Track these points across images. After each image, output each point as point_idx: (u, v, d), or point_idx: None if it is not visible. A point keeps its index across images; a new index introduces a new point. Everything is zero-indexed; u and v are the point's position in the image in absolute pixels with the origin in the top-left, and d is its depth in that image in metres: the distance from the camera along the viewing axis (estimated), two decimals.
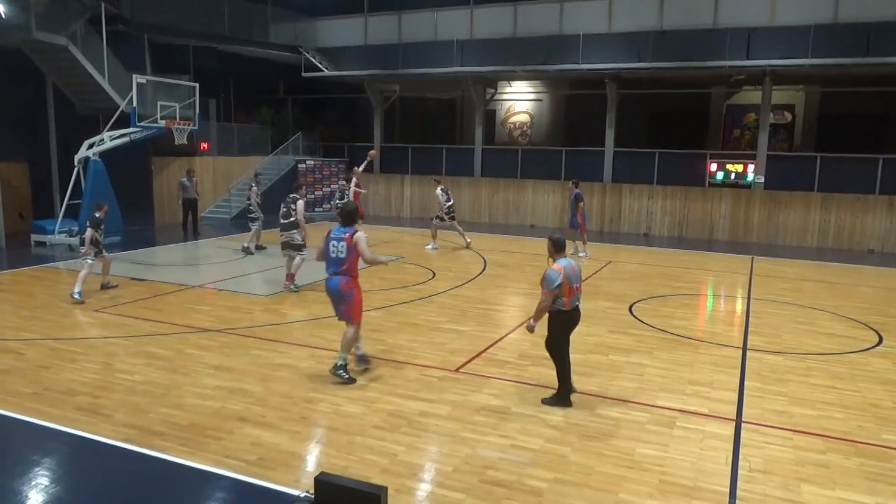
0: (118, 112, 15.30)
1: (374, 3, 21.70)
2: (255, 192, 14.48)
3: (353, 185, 15.27)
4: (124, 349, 7.74)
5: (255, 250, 14.27)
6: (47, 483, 4.84)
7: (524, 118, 24.48)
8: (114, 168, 15.49)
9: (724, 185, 18.56)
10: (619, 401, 6.37)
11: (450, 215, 15.65)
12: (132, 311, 9.39)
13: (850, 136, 19.34)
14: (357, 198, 14.96)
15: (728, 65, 17.19)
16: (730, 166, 18.61)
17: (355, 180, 15.36)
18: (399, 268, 12.85)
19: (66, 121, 17.24)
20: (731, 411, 6.21)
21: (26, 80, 16.42)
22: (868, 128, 20.01)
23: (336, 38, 22.24)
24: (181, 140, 15.95)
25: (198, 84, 16.51)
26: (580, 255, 14.74)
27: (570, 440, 5.49)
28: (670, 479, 4.89)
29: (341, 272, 6.68)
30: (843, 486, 4.86)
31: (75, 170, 15.11)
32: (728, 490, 4.77)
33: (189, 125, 16.03)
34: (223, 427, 5.62)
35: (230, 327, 8.66)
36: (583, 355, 7.71)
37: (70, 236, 14.72)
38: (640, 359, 7.69)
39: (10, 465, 5.03)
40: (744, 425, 5.88)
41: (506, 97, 24.36)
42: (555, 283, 5.98)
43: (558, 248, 6.21)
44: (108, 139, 15.16)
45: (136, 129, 15.09)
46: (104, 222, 10.54)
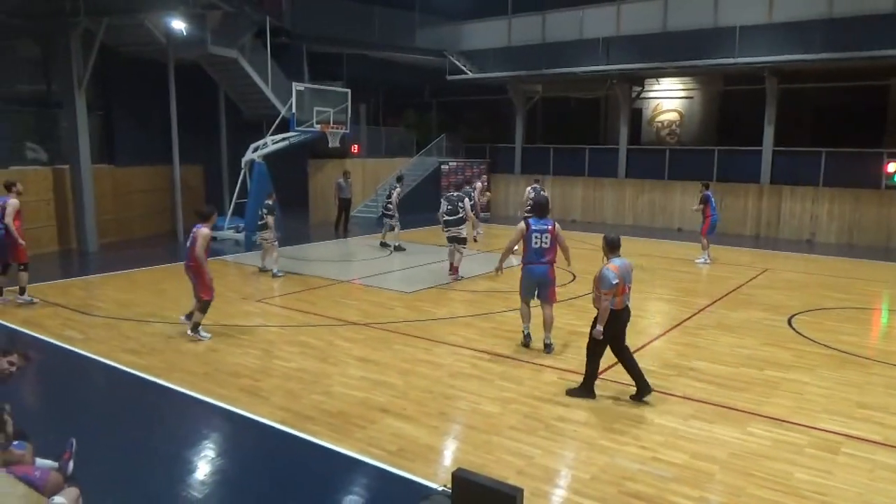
0: (279, 118, 16.52)
1: (518, 4, 21.72)
2: (398, 193, 15.01)
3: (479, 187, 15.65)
4: (281, 337, 8.36)
5: (394, 249, 14.79)
6: (213, 455, 5.35)
7: (673, 116, 23.38)
8: (275, 169, 16.75)
9: None
10: (774, 420, 5.92)
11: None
12: (288, 302, 10.11)
13: None
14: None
15: None
16: None
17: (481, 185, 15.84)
18: None
19: (234, 126, 18.91)
20: None
21: (202, 90, 18.18)
22: None
23: (480, 41, 22.51)
24: (334, 143, 16.92)
25: (350, 90, 17.42)
26: (698, 261, 13.85)
27: (718, 457, 5.18)
28: None
29: (548, 261, 7.73)
30: None
31: (242, 171, 16.52)
32: None
33: (342, 129, 16.96)
34: (367, 416, 5.90)
35: (375, 321, 9.07)
36: (734, 368, 7.25)
37: (237, 232, 16.12)
38: (800, 376, 7.09)
39: (183, 437, 5.62)
40: None
41: (653, 95, 23.40)
42: (612, 282, 6.04)
43: (612, 248, 6.41)
44: (271, 143, 16.42)
45: (295, 133, 16.22)
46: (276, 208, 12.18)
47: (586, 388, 6.38)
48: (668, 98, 23.30)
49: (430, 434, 5.58)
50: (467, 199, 11.98)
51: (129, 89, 16.65)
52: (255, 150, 16.35)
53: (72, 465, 4.75)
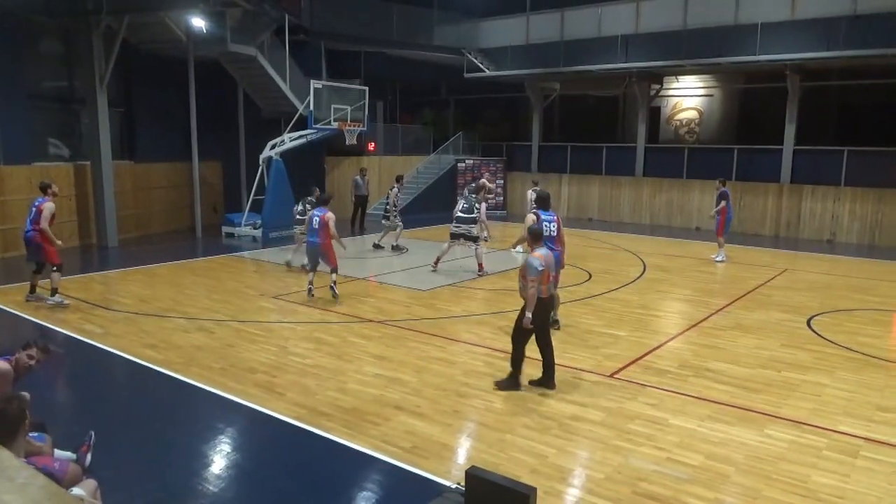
0: (297, 115, 16.61)
1: (536, 1, 21.64)
2: (395, 193, 14.93)
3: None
4: (297, 334, 8.41)
5: (391, 250, 14.55)
6: (229, 450, 5.39)
7: (692, 115, 23.16)
8: (292, 166, 16.84)
9: None
10: (792, 422, 5.85)
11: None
12: (304, 299, 10.16)
13: None
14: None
15: None
16: None
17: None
18: None
19: (252, 123, 19.04)
20: None
21: (221, 88, 18.32)
22: None
23: (498, 39, 22.45)
24: (351, 140, 16.97)
25: (367, 87, 17.46)
26: (716, 258, 13.72)
27: (735, 459, 5.13)
28: None
29: (556, 248, 8.05)
30: None
31: (259, 168, 16.64)
32: None
33: (359, 126, 17.01)
34: (381, 413, 5.91)
35: (390, 319, 9.09)
36: (752, 370, 7.18)
37: (254, 228, 16.24)
38: (819, 378, 7.00)
39: (200, 431, 5.67)
40: None
41: (672, 93, 23.20)
42: (538, 269, 6.26)
43: (536, 238, 6.70)
44: (289, 140, 16.51)
45: (313, 131, 16.29)
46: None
47: (514, 379, 6.54)
48: (688, 96, 23.10)
49: (443, 432, 5.58)
50: (484, 204, 12.52)
51: (149, 86, 16.82)
52: (273, 147, 16.44)
53: (90, 457, 4.82)
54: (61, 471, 3.92)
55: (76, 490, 3.82)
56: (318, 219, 10.04)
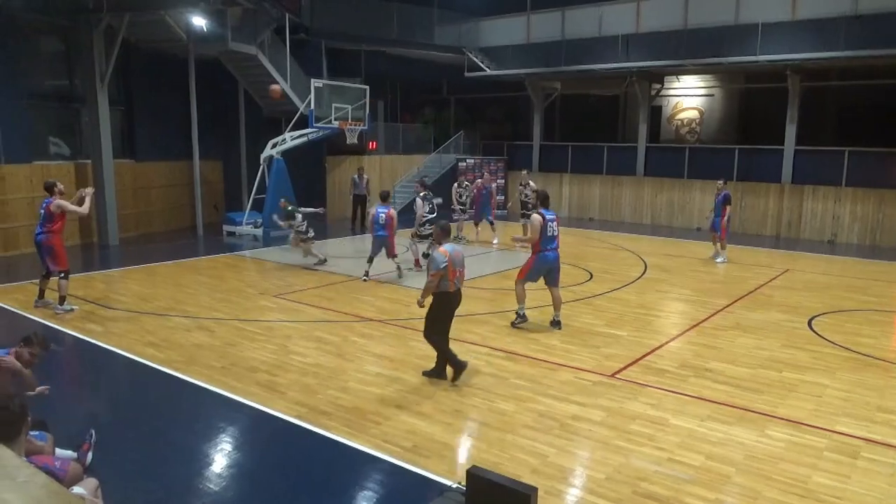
0: (298, 114, 16.61)
1: (537, 1, 21.63)
2: (419, 205, 14.84)
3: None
4: (298, 333, 8.41)
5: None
6: (230, 449, 5.40)
7: (693, 114, 23.16)
8: (293, 165, 16.84)
9: None
10: (791, 422, 5.86)
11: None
12: (305, 298, 10.17)
13: None
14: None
15: None
16: None
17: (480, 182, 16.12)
18: None
19: (253, 122, 19.04)
20: None
21: (222, 86, 18.32)
22: None
23: (499, 38, 22.44)
24: (352, 140, 16.97)
25: (368, 86, 17.46)
26: (718, 260, 13.72)
27: (735, 459, 5.14)
28: None
29: (556, 248, 8.46)
30: None
31: (261, 167, 16.64)
32: None
33: (359, 125, 17.01)
34: (382, 413, 5.92)
35: (391, 318, 9.09)
36: (751, 370, 7.19)
37: (255, 227, 16.25)
38: (819, 378, 7.00)
39: (201, 430, 5.68)
40: None
41: (673, 93, 23.19)
42: (440, 264, 6.43)
43: (445, 234, 6.97)
44: (289, 139, 16.51)
45: (314, 130, 16.29)
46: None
47: (440, 368, 6.77)
48: (689, 96, 23.10)
49: (444, 431, 5.59)
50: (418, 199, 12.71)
51: (149, 85, 16.81)
52: (274, 146, 16.44)
53: (91, 455, 4.83)
54: (62, 470, 3.93)
55: (77, 489, 3.82)
56: (383, 215, 11.03)
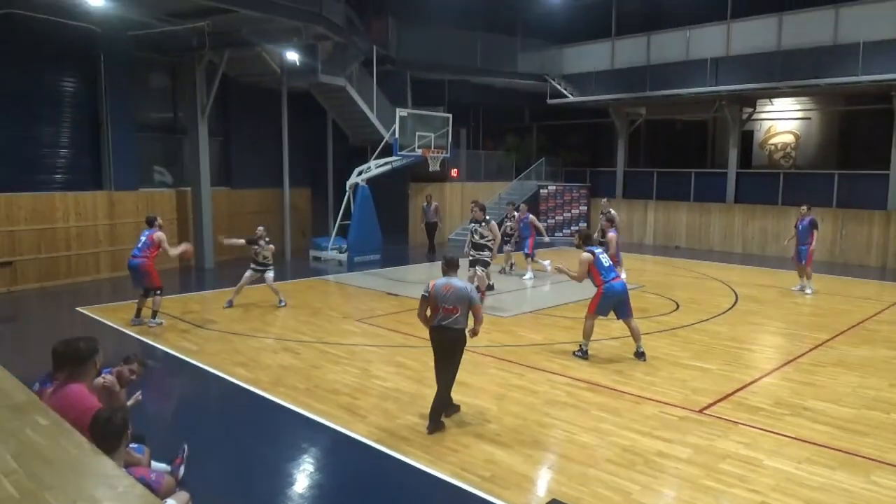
0: (383, 142, 17.06)
1: (622, 26, 21.43)
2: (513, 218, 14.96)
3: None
4: (379, 357, 8.53)
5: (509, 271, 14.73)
6: (311, 469, 5.51)
7: (788, 138, 22.16)
8: (377, 192, 17.27)
9: None
10: None
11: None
12: (386, 322, 10.32)
13: None
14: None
15: None
16: None
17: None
18: (639, 297, 12.36)
19: (340, 151, 19.71)
20: None
21: (312, 117, 19.09)
22: None
23: (582, 64, 22.32)
24: (434, 167, 17.25)
25: (451, 115, 17.74)
26: (806, 292, 12.82)
27: None
28: None
29: (618, 276, 8.45)
30: None
31: (346, 194, 17.15)
32: None
33: (442, 153, 17.28)
34: (461, 440, 5.89)
35: (470, 345, 9.02)
36: (856, 410, 6.69)
37: (340, 252, 16.71)
38: None
39: (284, 449, 5.83)
40: None
41: (765, 116, 22.30)
42: (422, 293, 6.16)
43: (446, 265, 6.30)
44: (374, 167, 16.96)
45: (398, 158, 16.68)
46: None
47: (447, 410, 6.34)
48: (783, 119, 22.13)
49: (523, 462, 5.49)
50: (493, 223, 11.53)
51: (245, 116, 17.75)
52: (360, 173, 16.93)
53: (183, 469, 5.04)
54: (157, 482, 4.12)
55: (170, 501, 4.00)
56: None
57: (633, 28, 21.17)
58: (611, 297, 8.23)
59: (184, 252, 10.52)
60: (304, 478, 5.34)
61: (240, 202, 17.61)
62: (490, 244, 11.40)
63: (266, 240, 11.38)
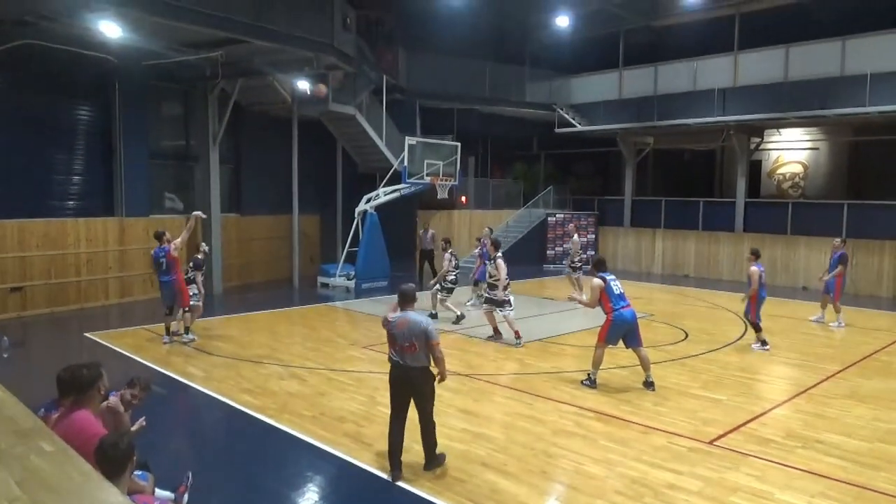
0: (392, 170, 17.19)
1: (629, 57, 21.64)
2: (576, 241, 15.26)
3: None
4: (385, 384, 8.40)
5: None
6: (316, 498, 5.45)
7: (796, 168, 22.18)
8: (386, 220, 17.34)
9: None
10: None
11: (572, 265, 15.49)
12: None
13: None
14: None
15: None
16: None
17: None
18: (648, 326, 12.28)
19: (349, 178, 19.86)
20: None
21: (321, 144, 19.28)
22: None
23: (589, 94, 22.51)
24: (443, 195, 17.33)
25: (459, 143, 17.87)
26: (832, 325, 12.62)
27: None
28: None
29: (629, 304, 8.27)
30: None
31: (355, 221, 17.24)
32: None
33: (450, 181, 17.36)
34: (467, 469, 5.82)
35: (478, 373, 9.02)
36: (869, 444, 6.58)
37: (348, 279, 16.74)
38: None
39: (288, 477, 5.78)
40: None
41: (773, 146, 22.35)
42: (382, 324, 5.80)
43: (401, 298, 5.81)
44: (383, 194, 17.06)
45: (406, 185, 16.77)
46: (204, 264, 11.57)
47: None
48: (791, 149, 22.17)
49: (530, 492, 5.42)
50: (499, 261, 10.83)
51: (256, 144, 17.96)
52: (368, 200, 17.02)
53: (187, 497, 5.00)
54: None
55: None
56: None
57: (640, 59, 21.37)
58: (620, 325, 8.18)
59: (194, 223, 10.58)
60: None
61: (249, 228, 17.73)
62: (496, 283, 10.67)
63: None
